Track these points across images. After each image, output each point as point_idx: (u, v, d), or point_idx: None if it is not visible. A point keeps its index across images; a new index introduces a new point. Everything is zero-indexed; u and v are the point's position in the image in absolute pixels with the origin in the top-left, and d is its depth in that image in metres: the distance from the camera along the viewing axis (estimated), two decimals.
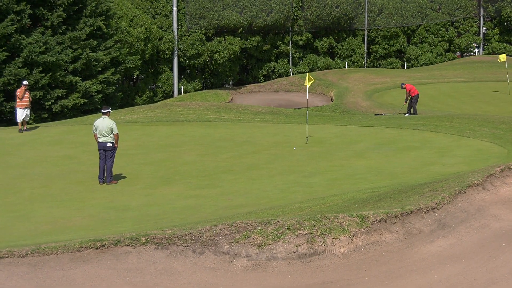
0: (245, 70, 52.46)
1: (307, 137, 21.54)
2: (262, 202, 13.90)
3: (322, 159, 18.69)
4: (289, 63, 52.54)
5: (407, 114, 30.03)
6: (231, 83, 50.83)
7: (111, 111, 17.39)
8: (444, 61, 55.99)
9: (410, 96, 30.56)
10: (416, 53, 55.74)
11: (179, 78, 46.93)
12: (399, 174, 16.06)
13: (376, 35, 54.49)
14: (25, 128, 25.22)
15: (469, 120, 24.10)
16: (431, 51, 56.16)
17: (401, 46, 55.48)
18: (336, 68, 52.76)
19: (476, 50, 58.15)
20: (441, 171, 15.86)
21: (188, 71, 48.14)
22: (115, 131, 16.84)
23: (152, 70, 45.10)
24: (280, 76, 51.62)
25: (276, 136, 23.04)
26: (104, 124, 16.80)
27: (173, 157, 19.85)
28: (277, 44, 51.12)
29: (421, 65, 55.25)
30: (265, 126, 25.62)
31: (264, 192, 15.13)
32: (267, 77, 51.99)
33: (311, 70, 51.60)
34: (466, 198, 10.54)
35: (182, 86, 46.48)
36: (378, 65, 55.54)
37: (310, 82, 21.62)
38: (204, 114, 28.37)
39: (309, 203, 12.85)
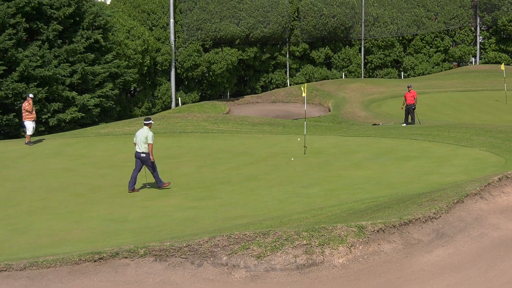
0: (243, 81, 52.55)
1: (305, 147, 21.56)
2: (261, 213, 13.90)
3: (320, 170, 18.70)
4: (286, 74, 52.65)
5: (404, 124, 30.09)
6: (228, 94, 50.89)
7: (152, 122, 17.91)
8: (441, 71, 56.13)
9: (405, 103, 30.82)
10: (413, 63, 55.89)
11: (177, 90, 46.97)
12: (397, 184, 16.07)
13: (372, 44, 54.65)
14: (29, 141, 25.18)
15: (467, 129, 24.14)
16: (428, 61, 56.31)
17: (397, 56, 55.61)
18: (333, 79, 52.90)
19: (472, 59, 58.33)
20: (439, 180, 15.88)
21: (186, 82, 48.20)
22: (149, 141, 17.18)
23: (150, 82, 45.13)
24: (278, 87, 51.74)
25: (274, 147, 23.06)
26: (141, 134, 17.31)
27: (171, 168, 19.84)
28: (274, 55, 51.26)
29: (418, 75, 55.39)
30: (263, 137, 25.64)
31: (262, 203, 15.13)
32: (265, 88, 52.10)
33: (308, 81, 51.72)
34: (464, 208, 10.55)
35: (179, 98, 46.51)
36: (375, 75, 55.66)
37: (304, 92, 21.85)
38: (201, 126, 28.39)
39: (307, 213, 12.85)
